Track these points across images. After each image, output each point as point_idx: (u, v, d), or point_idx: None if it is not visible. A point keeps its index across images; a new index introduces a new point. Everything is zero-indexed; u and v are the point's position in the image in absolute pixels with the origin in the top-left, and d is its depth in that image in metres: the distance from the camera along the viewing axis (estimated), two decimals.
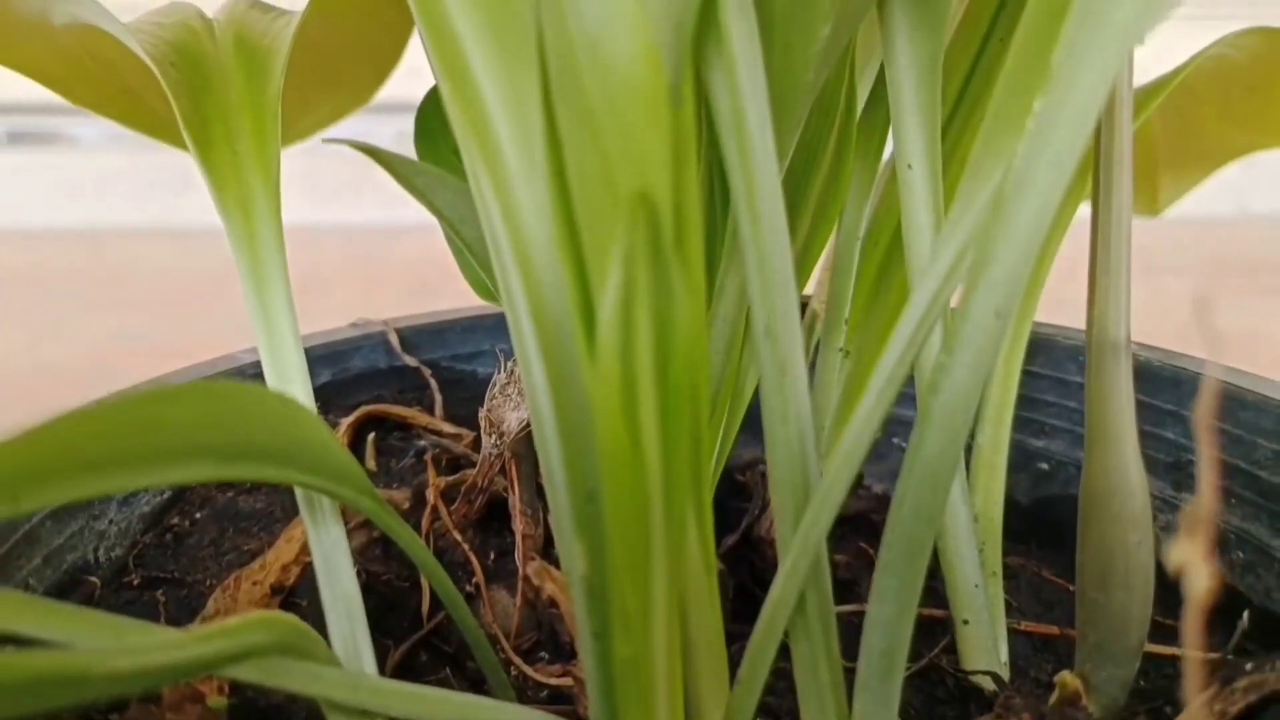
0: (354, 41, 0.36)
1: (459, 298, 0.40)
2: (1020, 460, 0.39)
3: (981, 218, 0.20)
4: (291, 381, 0.24)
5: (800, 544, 0.22)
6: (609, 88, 0.18)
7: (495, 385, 0.30)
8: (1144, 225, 0.48)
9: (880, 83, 0.32)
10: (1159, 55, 0.34)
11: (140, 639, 0.16)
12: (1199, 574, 0.12)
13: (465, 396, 0.38)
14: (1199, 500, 0.15)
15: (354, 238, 1.23)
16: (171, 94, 0.25)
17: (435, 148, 0.33)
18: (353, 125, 0.39)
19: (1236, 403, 0.32)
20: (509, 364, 0.31)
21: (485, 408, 0.30)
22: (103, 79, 0.33)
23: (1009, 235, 0.18)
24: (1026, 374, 0.37)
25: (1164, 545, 0.34)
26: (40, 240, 1.39)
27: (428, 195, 0.25)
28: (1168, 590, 0.33)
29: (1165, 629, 0.29)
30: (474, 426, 0.35)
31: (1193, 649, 0.22)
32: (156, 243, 1.34)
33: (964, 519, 0.28)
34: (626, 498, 0.18)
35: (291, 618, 0.19)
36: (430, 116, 0.33)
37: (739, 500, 0.39)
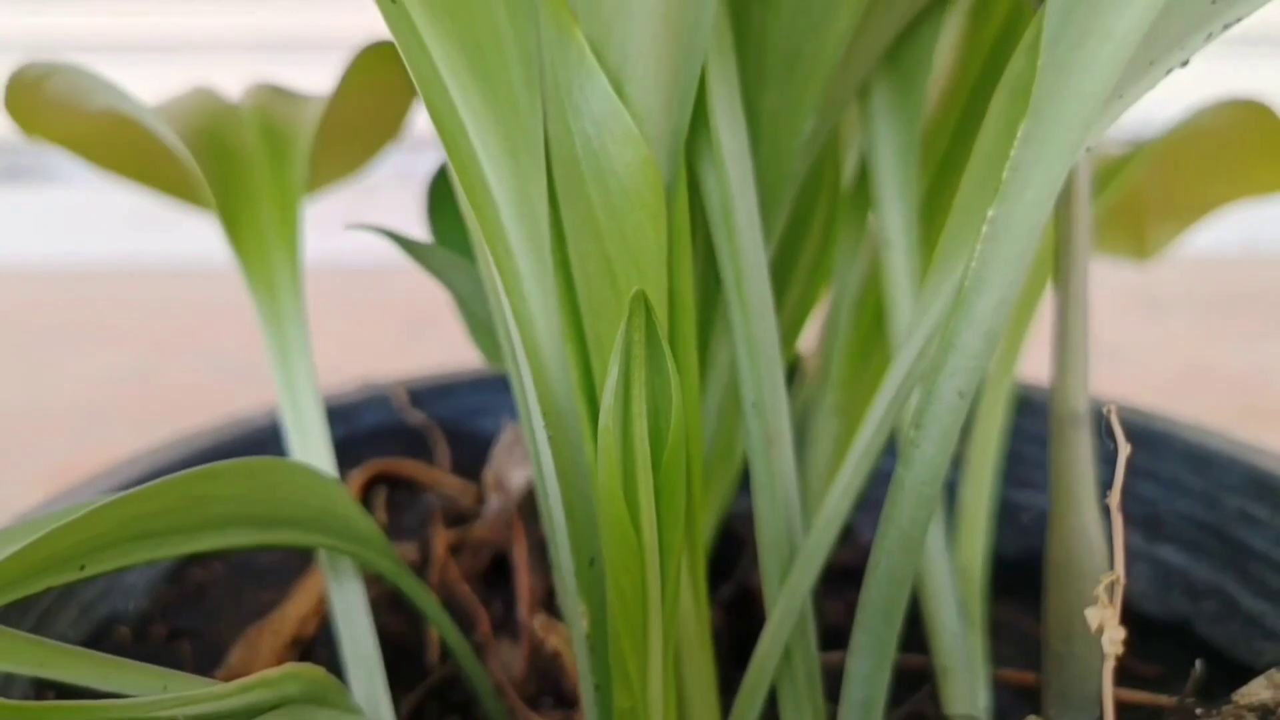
0: (369, 111, 0.38)
1: (451, 335, 0.41)
2: (1007, 514, 0.41)
3: (947, 305, 0.22)
4: (315, 449, 0.25)
5: (785, 601, 0.24)
6: (609, 195, 0.20)
7: (500, 445, 0.32)
8: (1152, 263, 0.50)
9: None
10: None
11: (192, 689, 0.18)
12: (1113, 632, 0.13)
13: (472, 451, 0.40)
14: (1114, 570, 0.17)
15: (348, 274, 1.25)
16: (206, 181, 0.27)
17: (446, 219, 0.35)
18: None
19: (1203, 460, 0.34)
20: (513, 424, 0.33)
21: (491, 466, 0.32)
22: (129, 151, 0.35)
23: (970, 325, 0.20)
24: (1011, 432, 0.38)
25: (1134, 591, 0.36)
26: (32, 278, 1.41)
27: (441, 274, 0.27)
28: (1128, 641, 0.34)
29: (1126, 676, 0.31)
30: (480, 481, 0.36)
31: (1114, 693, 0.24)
32: (148, 280, 1.35)
33: (945, 572, 0.30)
34: (625, 566, 0.19)
35: (319, 670, 0.21)
36: (442, 189, 0.35)
37: (735, 550, 0.41)
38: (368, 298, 1.15)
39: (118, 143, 0.33)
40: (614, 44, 0.20)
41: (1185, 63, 0.22)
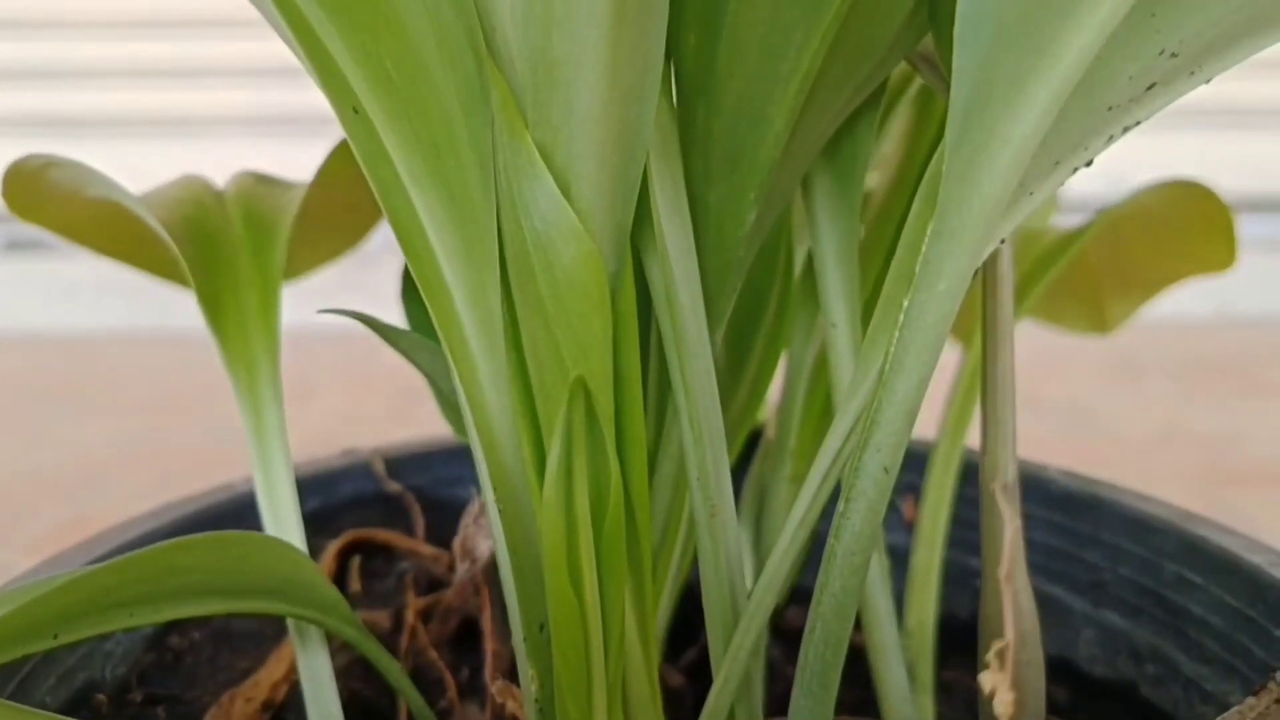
0: (349, 200, 0.40)
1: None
2: (960, 577, 0.42)
3: (872, 386, 0.23)
4: (286, 524, 0.27)
5: (729, 664, 0.25)
6: (556, 286, 0.22)
7: (469, 515, 0.33)
8: (1126, 328, 0.52)
9: None
10: None
11: None
12: (1003, 698, 0.15)
13: (447, 519, 0.41)
14: (1005, 639, 0.18)
15: (343, 341, 1.26)
16: (188, 267, 0.29)
17: (417, 302, 0.36)
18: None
19: (1144, 527, 0.36)
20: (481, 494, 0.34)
21: (459, 536, 0.33)
22: (122, 237, 0.37)
23: (892, 404, 0.22)
24: (964, 498, 0.40)
25: (1082, 655, 0.37)
26: (36, 345, 1.43)
27: (411, 355, 0.28)
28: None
29: None
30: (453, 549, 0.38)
31: None
32: (150, 348, 1.37)
33: (892, 635, 0.31)
34: (569, 630, 0.21)
35: None
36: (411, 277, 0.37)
37: (701, 614, 0.42)
38: (363, 366, 1.17)
39: (111, 229, 0.35)
40: (561, 148, 0.22)
41: (1089, 163, 0.24)
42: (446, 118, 0.22)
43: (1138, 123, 0.23)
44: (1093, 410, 1.07)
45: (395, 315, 0.36)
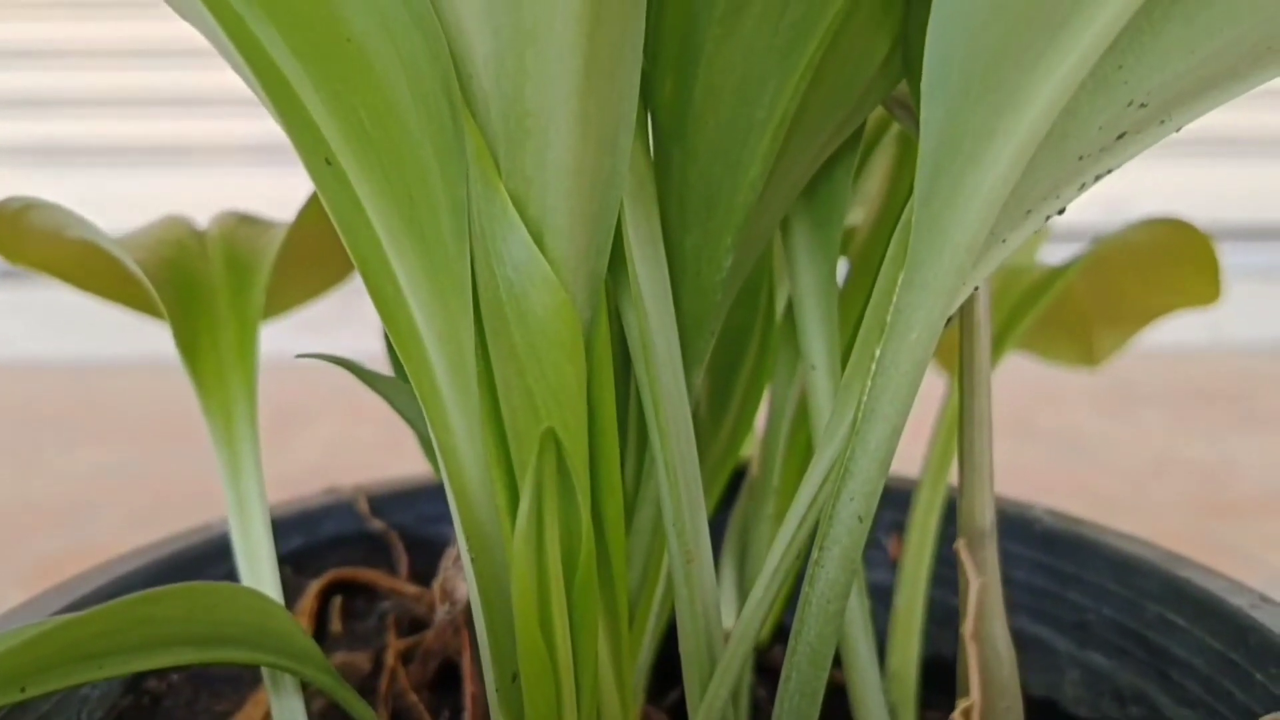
0: (332, 238, 0.40)
1: None
2: (945, 617, 0.42)
3: (847, 433, 0.23)
4: (260, 566, 0.27)
5: (706, 709, 0.25)
6: (530, 334, 0.22)
7: (448, 556, 0.33)
8: (1120, 356, 0.52)
9: None
10: None
11: None
12: None
13: (431, 558, 0.41)
14: (971, 699, 0.18)
15: (339, 371, 1.26)
16: (165, 308, 0.29)
17: None
18: None
19: (1127, 567, 0.35)
20: None
21: (440, 577, 0.33)
22: (104, 276, 0.37)
23: (865, 453, 0.22)
24: (949, 537, 0.40)
25: (1068, 696, 0.37)
26: (26, 374, 1.43)
27: (390, 399, 0.28)
28: None
29: None
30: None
31: None
32: (140, 376, 1.37)
33: (873, 679, 0.31)
34: (540, 681, 0.21)
35: None
36: None
37: None
38: (356, 397, 1.17)
39: (94, 268, 0.35)
40: (534, 198, 0.22)
41: (1062, 210, 0.24)
42: (421, 167, 0.22)
43: (1109, 170, 0.24)
44: (1086, 439, 1.07)
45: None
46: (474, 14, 0.22)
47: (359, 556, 0.41)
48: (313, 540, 0.40)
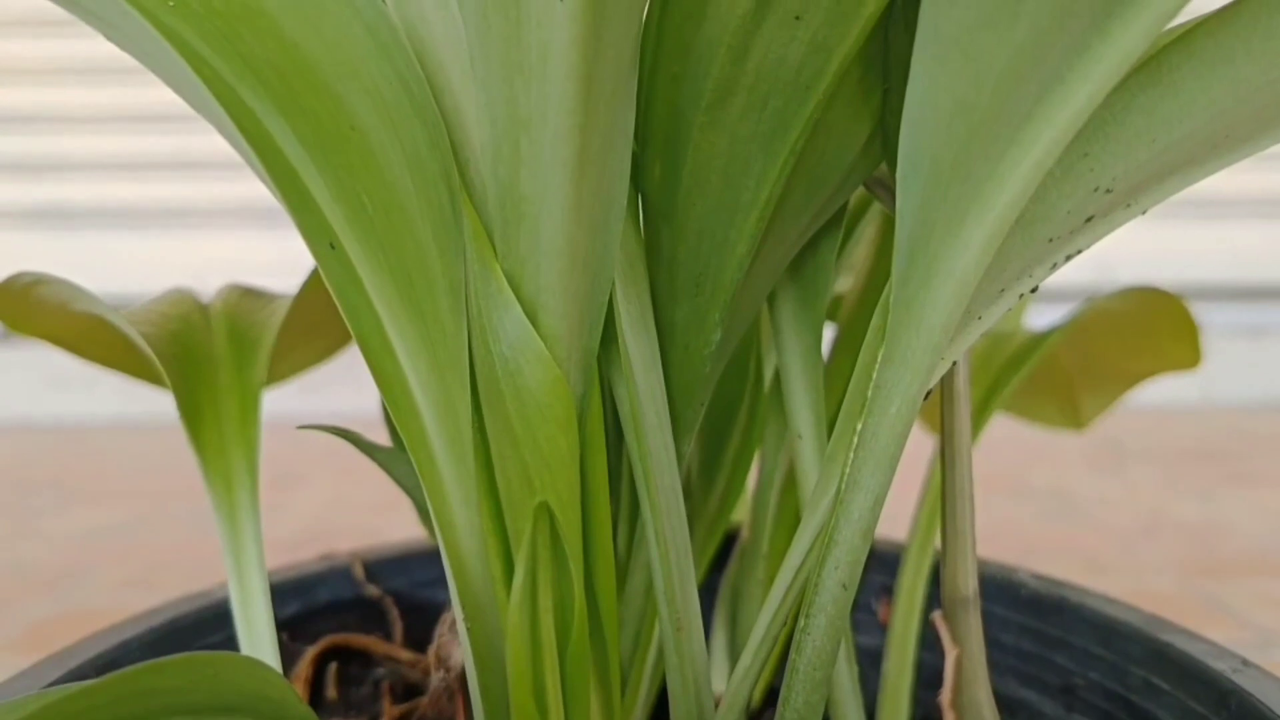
0: (333, 309, 0.41)
1: None
2: (935, 680, 0.42)
3: (831, 503, 0.24)
4: (259, 633, 0.27)
5: None
6: (524, 408, 0.23)
7: (444, 623, 0.33)
8: (1112, 415, 0.53)
9: None
10: None
11: None
12: None
13: (426, 622, 0.42)
14: None
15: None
16: (169, 380, 0.29)
17: None
18: None
19: (1111, 631, 0.36)
20: None
21: (435, 643, 0.33)
22: (110, 347, 0.38)
23: (849, 522, 0.23)
24: (938, 600, 0.40)
25: None
26: (24, 434, 1.43)
27: (389, 468, 0.29)
28: None
29: None
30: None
31: None
32: (140, 437, 1.37)
33: None
34: None
35: None
36: None
37: None
38: (351, 458, 1.17)
39: (100, 339, 0.36)
40: (529, 278, 0.23)
41: (1034, 289, 0.25)
42: (420, 248, 0.23)
43: (1080, 251, 0.25)
44: (1078, 497, 1.08)
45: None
46: (472, 104, 0.23)
47: (354, 622, 0.42)
48: (308, 606, 0.41)
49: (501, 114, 0.22)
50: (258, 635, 0.27)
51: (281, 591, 0.41)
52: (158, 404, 1.44)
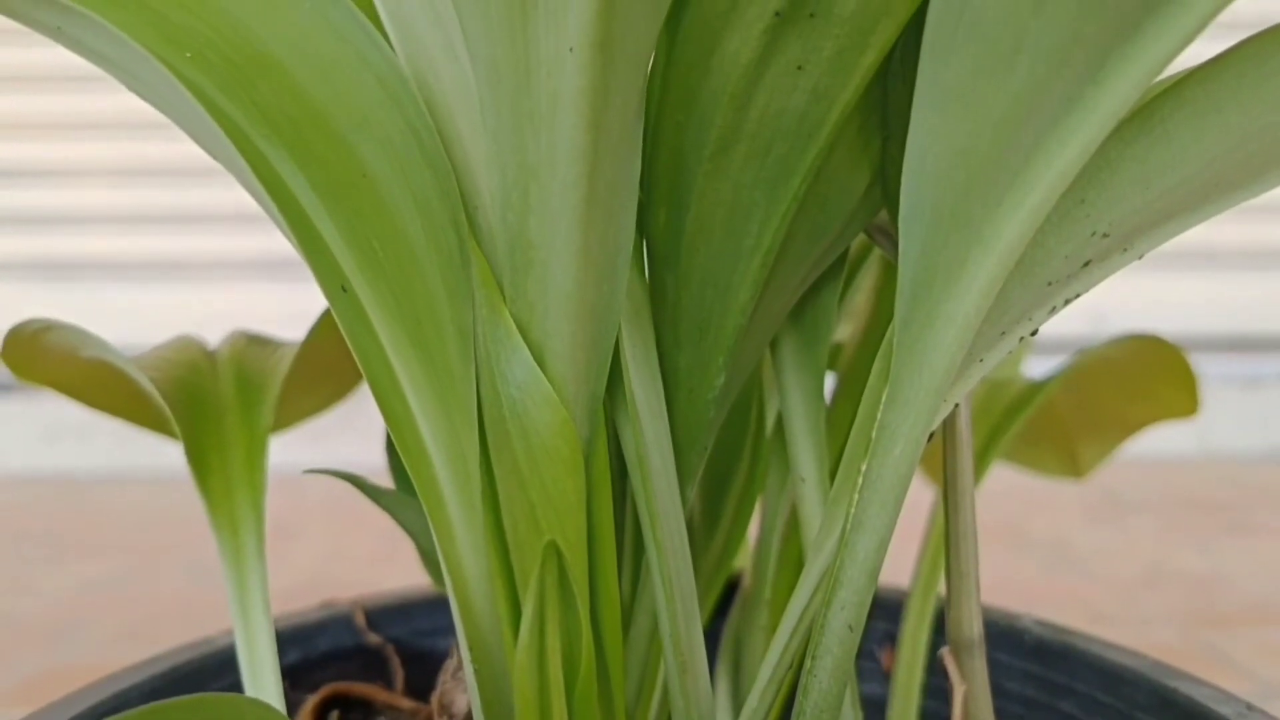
0: (339, 356, 0.42)
1: None
2: None
3: (836, 545, 0.24)
4: (264, 679, 0.27)
5: None
6: (532, 450, 0.23)
7: (446, 670, 0.33)
8: (1109, 465, 0.53)
9: None
10: None
11: None
12: None
13: (427, 671, 0.42)
14: None
15: (330, 480, 1.26)
16: (177, 426, 0.30)
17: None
18: None
19: (1116, 677, 0.36)
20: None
21: (437, 690, 0.33)
22: (117, 394, 0.38)
23: (854, 564, 0.23)
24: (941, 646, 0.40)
25: None
26: (19, 487, 1.42)
27: (393, 512, 0.29)
28: None
29: None
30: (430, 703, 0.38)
31: None
32: (135, 490, 1.37)
33: None
34: None
35: None
36: None
37: None
38: (349, 508, 1.17)
39: (107, 387, 0.36)
40: (537, 322, 0.23)
41: (1034, 332, 0.25)
42: (429, 293, 0.24)
43: (1078, 295, 0.25)
44: (1078, 548, 1.07)
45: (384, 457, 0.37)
46: (481, 153, 0.24)
47: (355, 670, 0.41)
48: (309, 654, 0.41)
49: (511, 162, 0.22)
50: (263, 680, 0.27)
51: (282, 639, 0.40)
52: (153, 456, 1.44)
